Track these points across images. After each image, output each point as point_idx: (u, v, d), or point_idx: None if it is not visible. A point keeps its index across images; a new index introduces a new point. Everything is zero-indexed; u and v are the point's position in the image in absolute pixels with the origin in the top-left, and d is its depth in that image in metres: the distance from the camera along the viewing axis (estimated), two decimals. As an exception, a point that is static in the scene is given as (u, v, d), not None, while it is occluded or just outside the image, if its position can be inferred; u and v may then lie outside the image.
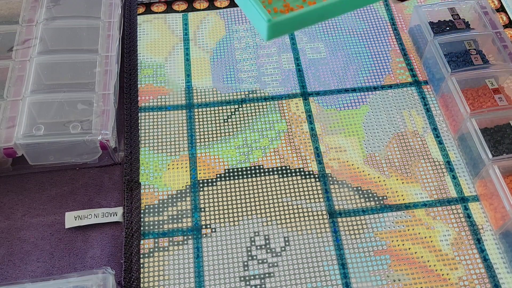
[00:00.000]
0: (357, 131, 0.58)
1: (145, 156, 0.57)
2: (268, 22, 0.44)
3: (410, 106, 0.60)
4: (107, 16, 0.62)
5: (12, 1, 0.62)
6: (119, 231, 0.51)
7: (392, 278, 0.48)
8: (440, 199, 0.53)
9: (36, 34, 0.59)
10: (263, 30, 0.45)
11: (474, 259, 0.49)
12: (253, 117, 0.60)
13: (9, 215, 0.52)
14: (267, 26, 0.44)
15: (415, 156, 0.56)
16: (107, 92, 0.55)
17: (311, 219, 0.52)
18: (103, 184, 0.54)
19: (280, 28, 0.45)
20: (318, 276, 0.48)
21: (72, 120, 0.53)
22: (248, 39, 0.67)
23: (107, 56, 0.58)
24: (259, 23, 0.45)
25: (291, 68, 0.64)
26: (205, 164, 0.56)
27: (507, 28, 0.67)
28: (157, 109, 0.60)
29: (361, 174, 0.55)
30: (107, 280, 0.45)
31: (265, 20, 0.44)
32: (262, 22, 0.44)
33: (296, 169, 0.55)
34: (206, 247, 0.50)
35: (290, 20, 0.45)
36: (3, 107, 0.53)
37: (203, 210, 0.53)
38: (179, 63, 0.65)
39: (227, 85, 0.63)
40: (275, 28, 0.45)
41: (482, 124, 0.54)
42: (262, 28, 0.45)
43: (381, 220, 0.52)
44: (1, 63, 0.57)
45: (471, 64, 0.58)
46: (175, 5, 0.71)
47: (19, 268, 0.49)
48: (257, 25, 0.46)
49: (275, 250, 0.50)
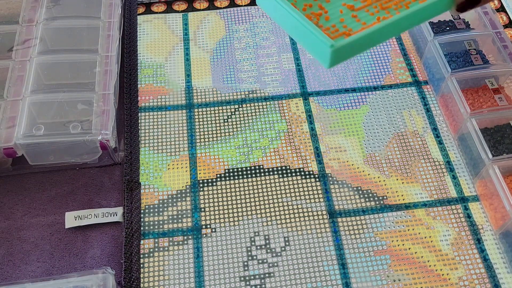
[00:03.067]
0: (357, 131, 0.58)
1: (145, 156, 0.57)
2: (331, 48, 0.39)
3: (410, 106, 0.60)
4: (107, 16, 0.62)
5: (12, 1, 0.62)
6: (119, 231, 0.51)
7: (392, 278, 0.48)
8: (440, 199, 0.53)
9: (36, 34, 0.59)
10: (325, 57, 0.40)
11: (474, 259, 0.49)
12: (253, 117, 0.60)
13: (9, 215, 0.52)
14: (330, 52, 0.39)
15: (415, 156, 0.56)
16: (107, 92, 0.55)
17: (311, 219, 0.52)
18: (103, 184, 0.54)
19: (343, 53, 0.41)
20: (318, 276, 0.48)
21: (72, 120, 0.53)
22: (248, 39, 0.67)
23: (107, 56, 0.58)
24: (320, 50, 0.40)
25: (291, 68, 0.64)
26: (205, 164, 0.56)
27: (507, 28, 0.67)
28: (157, 109, 0.60)
29: (361, 174, 0.55)
30: (107, 280, 0.45)
31: (327, 46, 0.39)
32: (324, 48, 0.39)
33: (296, 169, 0.55)
34: (206, 247, 0.50)
35: (354, 43, 0.41)
36: (3, 107, 0.53)
37: (203, 210, 0.53)
38: (179, 63, 0.65)
39: (227, 85, 0.63)
40: (338, 54, 0.40)
41: (482, 124, 0.54)
42: (323, 55, 0.40)
43: (381, 220, 0.52)
44: (1, 63, 0.57)
45: (471, 64, 0.58)
46: (175, 5, 0.71)
47: (19, 268, 0.49)
48: (317, 52, 0.41)
49: (275, 250, 0.50)
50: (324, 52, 0.40)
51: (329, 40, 0.39)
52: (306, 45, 0.43)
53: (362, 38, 0.42)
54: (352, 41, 0.41)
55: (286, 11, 0.42)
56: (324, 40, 0.40)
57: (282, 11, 0.42)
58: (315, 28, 0.40)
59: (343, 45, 0.40)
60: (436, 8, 0.46)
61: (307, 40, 0.42)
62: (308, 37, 0.41)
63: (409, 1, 0.47)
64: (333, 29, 0.43)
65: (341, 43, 0.40)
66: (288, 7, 0.42)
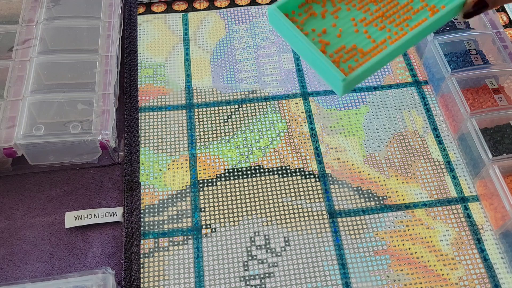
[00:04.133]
0: (357, 131, 0.58)
1: (145, 156, 0.57)
2: (343, 82, 0.42)
3: (410, 106, 0.61)
4: (107, 16, 0.62)
5: (12, 1, 0.62)
6: (119, 231, 0.51)
7: (392, 278, 0.48)
8: (440, 199, 0.53)
9: (36, 34, 0.59)
10: (338, 87, 0.43)
11: (474, 259, 0.49)
12: (253, 117, 0.60)
13: (9, 215, 0.52)
14: (343, 85, 0.43)
15: (415, 156, 0.56)
16: (107, 92, 0.55)
17: (311, 219, 0.52)
18: (103, 184, 0.54)
19: (355, 82, 0.44)
20: (318, 276, 0.48)
21: (72, 120, 0.53)
22: (248, 39, 0.67)
23: (107, 56, 0.58)
24: (332, 80, 0.43)
25: (291, 68, 0.64)
26: (205, 164, 0.56)
27: (507, 28, 0.67)
28: (157, 109, 0.60)
29: (361, 174, 0.55)
30: (107, 280, 0.45)
31: (339, 80, 0.42)
32: (337, 80, 0.43)
33: (296, 169, 0.55)
34: (206, 247, 0.50)
35: (363, 73, 0.43)
36: (3, 107, 0.53)
37: (203, 210, 0.53)
38: (179, 63, 0.65)
39: (227, 85, 0.63)
40: (350, 84, 0.43)
41: (482, 124, 0.54)
42: (336, 85, 0.44)
43: (381, 220, 0.52)
44: (1, 63, 0.57)
45: (471, 64, 0.58)
46: (175, 5, 0.71)
47: (19, 268, 0.49)
48: (329, 80, 0.44)
49: (275, 250, 0.50)
50: (336, 83, 0.43)
51: (341, 75, 0.42)
52: (319, 71, 0.45)
53: (372, 65, 0.44)
54: (362, 71, 0.43)
55: (299, 39, 0.44)
56: (336, 74, 0.42)
57: (295, 37, 0.45)
58: (327, 60, 0.43)
59: (354, 77, 0.43)
60: (444, 19, 0.46)
61: (320, 68, 0.44)
62: (320, 65, 0.44)
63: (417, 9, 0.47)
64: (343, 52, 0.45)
65: (352, 76, 0.43)
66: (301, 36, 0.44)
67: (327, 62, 0.43)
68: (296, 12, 0.47)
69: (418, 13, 0.47)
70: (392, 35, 0.46)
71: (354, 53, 0.45)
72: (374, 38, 0.46)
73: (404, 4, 0.48)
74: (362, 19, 0.47)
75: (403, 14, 0.47)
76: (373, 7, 0.48)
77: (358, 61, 0.45)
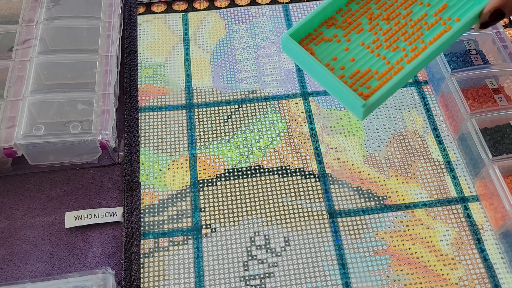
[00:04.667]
0: (357, 131, 0.58)
1: (145, 156, 0.57)
2: (364, 107, 0.43)
3: (410, 106, 0.61)
4: (107, 16, 0.62)
5: (12, 1, 0.62)
6: (119, 231, 0.51)
7: (392, 278, 0.48)
8: (440, 199, 0.53)
9: (36, 34, 0.59)
10: (358, 112, 0.44)
11: (474, 259, 0.49)
12: (253, 117, 0.60)
13: (9, 215, 0.52)
14: (363, 111, 0.43)
15: (415, 156, 0.56)
16: (107, 92, 0.55)
17: (311, 219, 0.52)
18: (103, 184, 0.54)
19: (374, 106, 0.44)
20: (318, 276, 0.48)
21: (72, 120, 0.53)
22: (248, 39, 0.67)
23: (107, 56, 0.58)
24: (352, 105, 0.44)
25: (291, 68, 0.64)
26: (205, 164, 0.56)
27: (507, 28, 0.67)
28: (157, 109, 0.60)
29: (361, 174, 0.55)
30: (107, 280, 0.45)
31: (359, 106, 0.43)
32: (357, 106, 0.43)
33: (296, 169, 0.55)
34: (206, 247, 0.50)
35: (382, 96, 0.44)
36: (3, 107, 0.53)
37: (203, 210, 0.53)
38: (179, 63, 0.65)
39: (227, 85, 0.63)
40: (370, 108, 0.44)
41: (482, 124, 0.54)
42: (356, 110, 0.44)
43: (381, 220, 0.52)
44: (1, 63, 0.57)
45: (471, 64, 0.58)
46: (175, 5, 0.71)
47: (19, 268, 0.49)
48: (349, 106, 0.44)
49: (275, 250, 0.50)
50: (357, 108, 0.43)
51: (361, 101, 0.42)
52: (337, 96, 0.45)
53: (391, 87, 0.44)
54: (381, 94, 0.43)
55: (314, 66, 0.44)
56: (356, 100, 0.43)
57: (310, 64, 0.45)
58: (345, 86, 0.43)
59: (373, 101, 0.43)
60: (460, 32, 0.46)
61: (338, 93, 0.44)
62: (338, 91, 0.44)
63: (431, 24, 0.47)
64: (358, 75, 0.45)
65: (371, 100, 0.43)
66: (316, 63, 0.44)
67: (345, 88, 0.43)
68: (309, 37, 0.47)
69: (433, 27, 0.46)
70: (408, 53, 0.46)
71: (371, 76, 0.45)
72: (388, 59, 0.46)
73: (418, 20, 0.47)
74: (375, 40, 0.46)
75: (417, 31, 0.46)
76: (385, 26, 0.47)
77: (376, 83, 0.45)
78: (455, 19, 0.46)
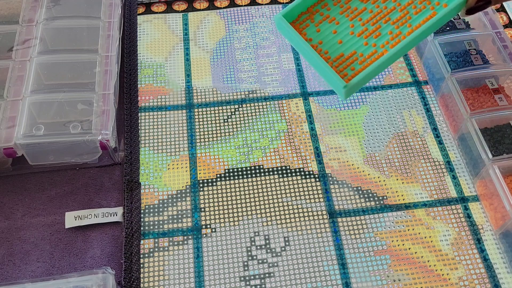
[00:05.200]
0: (357, 131, 0.58)
1: (145, 156, 0.57)
2: (345, 88, 0.45)
3: (410, 106, 0.60)
4: (107, 16, 0.62)
5: (12, 1, 0.62)
6: (119, 231, 0.51)
7: (392, 278, 0.48)
8: (440, 199, 0.53)
9: (36, 34, 0.59)
10: (340, 93, 0.46)
11: (474, 259, 0.49)
12: (253, 117, 0.60)
13: (9, 215, 0.52)
14: (344, 91, 0.45)
15: (415, 156, 0.56)
16: (107, 92, 0.55)
17: (311, 219, 0.52)
18: (103, 184, 0.54)
19: (356, 87, 0.46)
20: (318, 276, 0.48)
21: (72, 120, 0.53)
22: (248, 39, 0.67)
23: (107, 56, 0.58)
24: (335, 86, 0.46)
25: (291, 68, 0.64)
26: (205, 164, 0.56)
27: (507, 28, 0.67)
28: (157, 109, 0.60)
29: (361, 174, 0.55)
30: (107, 280, 0.45)
31: (341, 86, 0.45)
32: (339, 86, 0.45)
33: (296, 169, 0.55)
34: (206, 247, 0.50)
35: (364, 78, 0.45)
36: (3, 107, 0.53)
37: (203, 210, 0.53)
38: (179, 63, 0.65)
39: (227, 85, 0.63)
40: (351, 89, 0.45)
41: (482, 124, 0.54)
42: (338, 90, 0.46)
43: (381, 220, 0.52)
44: (1, 63, 0.57)
45: (471, 64, 0.58)
46: (175, 5, 0.71)
47: (19, 268, 0.49)
48: (333, 85, 0.46)
49: (275, 250, 0.50)
50: (339, 89, 0.45)
51: (342, 82, 0.45)
52: (323, 76, 0.47)
53: (373, 70, 0.45)
54: (363, 76, 0.45)
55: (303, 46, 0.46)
56: (338, 81, 0.45)
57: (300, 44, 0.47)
58: (329, 67, 0.45)
59: (355, 83, 0.45)
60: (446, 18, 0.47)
61: (324, 74, 0.46)
62: (324, 71, 0.46)
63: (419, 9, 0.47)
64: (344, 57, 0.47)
65: (353, 82, 0.45)
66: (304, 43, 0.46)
67: (329, 69, 0.45)
68: (302, 17, 0.48)
69: (421, 12, 0.47)
70: (393, 37, 0.46)
71: (355, 58, 0.47)
72: (374, 42, 0.47)
73: (407, 4, 0.48)
74: (363, 23, 0.47)
75: (405, 16, 0.47)
76: (375, 9, 0.48)
77: (361, 65, 0.46)
78: (443, 5, 0.47)
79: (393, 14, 0.47)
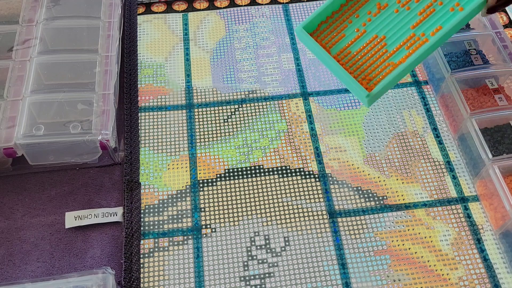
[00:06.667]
0: (357, 131, 0.58)
1: (145, 156, 0.57)
2: (367, 97, 0.46)
3: (410, 106, 0.60)
4: (107, 16, 0.62)
5: (12, 1, 0.62)
6: (119, 231, 0.51)
7: (392, 278, 0.48)
8: (440, 199, 0.53)
9: (36, 34, 0.59)
10: (363, 101, 0.47)
11: (474, 259, 0.49)
12: (253, 117, 0.60)
13: (9, 215, 0.52)
14: (367, 100, 0.46)
15: (415, 156, 0.56)
16: (107, 92, 0.55)
17: (311, 219, 0.52)
18: (103, 184, 0.54)
19: (378, 95, 0.47)
20: (318, 276, 0.48)
21: (72, 120, 0.53)
22: (248, 39, 0.67)
23: (107, 56, 0.58)
24: (359, 95, 0.47)
25: (291, 68, 0.64)
26: (205, 164, 0.56)
27: (507, 28, 0.67)
28: (157, 109, 0.60)
29: (361, 174, 0.55)
30: (107, 280, 0.45)
31: (364, 96, 0.46)
32: (362, 95, 0.46)
33: (296, 169, 0.55)
34: (206, 247, 0.50)
35: (386, 85, 0.46)
36: (3, 107, 0.53)
37: (203, 210, 0.53)
38: (179, 63, 0.65)
39: (227, 85, 0.63)
40: (374, 97, 0.47)
41: (482, 124, 0.54)
42: (362, 99, 0.47)
43: (381, 220, 0.52)
44: (1, 63, 0.57)
45: (471, 64, 0.58)
46: (175, 5, 0.71)
47: (19, 268, 0.49)
48: (357, 95, 0.48)
49: (275, 250, 0.50)
50: (362, 97, 0.47)
51: (364, 91, 0.46)
52: (346, 85, 0.48)
53: (393, 78, 0.46)
54: (385, 84, 0.46)
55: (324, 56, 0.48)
56: (360, 90, 0.46)
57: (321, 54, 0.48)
58: (351, 77, 0.47)
59: (377, 91, 0.46)
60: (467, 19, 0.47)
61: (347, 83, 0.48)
62: (346, 80, 0.47)
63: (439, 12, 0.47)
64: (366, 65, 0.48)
65: (375, 91, 0.46)
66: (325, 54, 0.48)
67: (351, 79, 0.47)
68: (321, 27, 0.50)
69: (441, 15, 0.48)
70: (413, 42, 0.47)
71: (376, 66, 0.48)
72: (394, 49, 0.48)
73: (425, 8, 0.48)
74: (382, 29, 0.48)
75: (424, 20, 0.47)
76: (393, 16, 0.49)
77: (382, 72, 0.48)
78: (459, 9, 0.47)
79: (412, 19, 0.48)
